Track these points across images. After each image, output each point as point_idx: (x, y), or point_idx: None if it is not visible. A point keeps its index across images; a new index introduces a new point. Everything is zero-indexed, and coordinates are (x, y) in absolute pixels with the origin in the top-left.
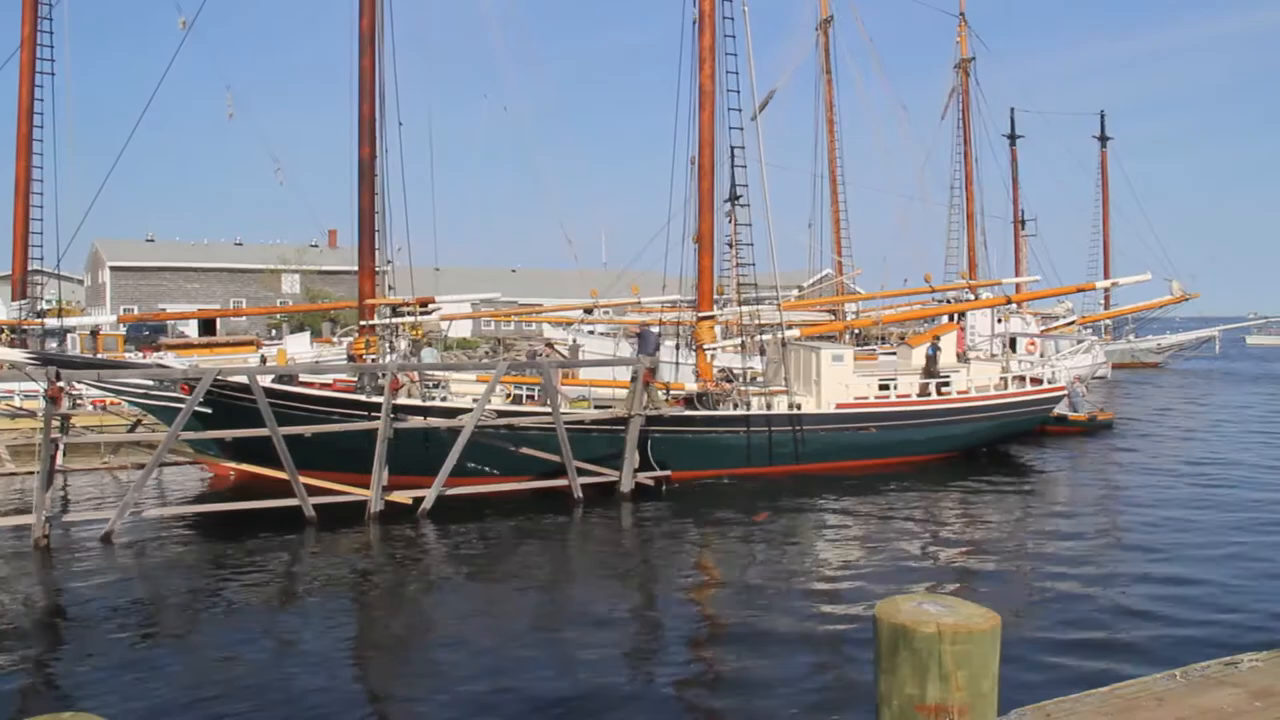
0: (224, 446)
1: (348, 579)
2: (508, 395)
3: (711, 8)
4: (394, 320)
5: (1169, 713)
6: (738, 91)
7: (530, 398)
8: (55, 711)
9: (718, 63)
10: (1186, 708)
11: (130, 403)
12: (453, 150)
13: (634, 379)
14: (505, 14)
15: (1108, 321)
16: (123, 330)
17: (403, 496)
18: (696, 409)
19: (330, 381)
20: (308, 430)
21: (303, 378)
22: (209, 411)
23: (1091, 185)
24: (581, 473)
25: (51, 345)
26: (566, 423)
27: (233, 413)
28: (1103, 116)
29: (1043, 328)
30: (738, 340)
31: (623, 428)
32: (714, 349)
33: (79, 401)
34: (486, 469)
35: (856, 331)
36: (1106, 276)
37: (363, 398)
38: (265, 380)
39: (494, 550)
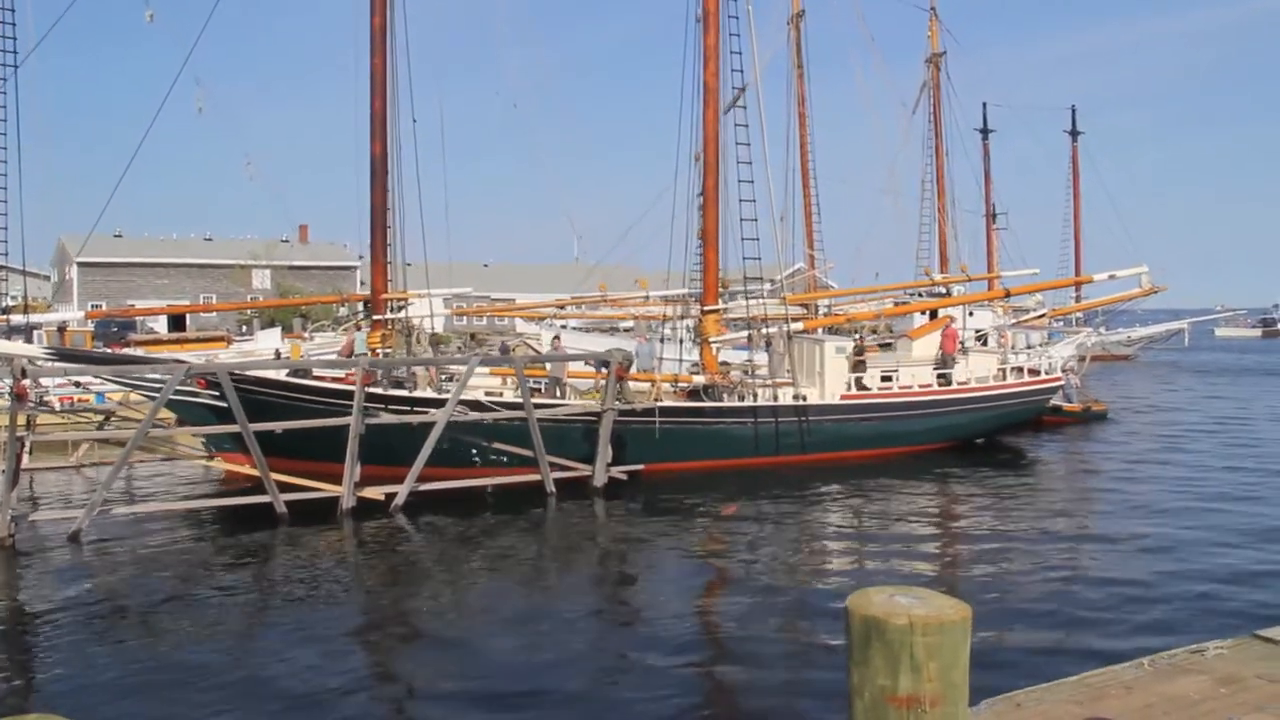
0: (238, 442)
1: (318, 576)
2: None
3: (716, 7)
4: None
5: (1137, 700)
6: (742, 89)
7: (536, 390)
8: (18, 713)
9: (721, 61)
10: (1154, 695)
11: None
12: (440, 139)
13: (608, 374)
14: (510, 7)
15: (1079, 314)
16: (90, 326)
17: (375, 492)
18: (703, 401)
19: (343, 375)
20: (278, 426)
21: (316, 372)
22: (224, 406)
23: (1062, 179)
24: (555, 467)
25: (18, 341)
26: (541, 417)
27: (251, 406)
28: (1074, 111)
29: (1014, 320)
30: (738, 335)
31: (637, 420)
32: (719, 342)
33: (46, 399)
34: (504, 460)
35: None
36: (1078, 270)
37: (378, 390)
38: (280, 374)
39: (466, 545)
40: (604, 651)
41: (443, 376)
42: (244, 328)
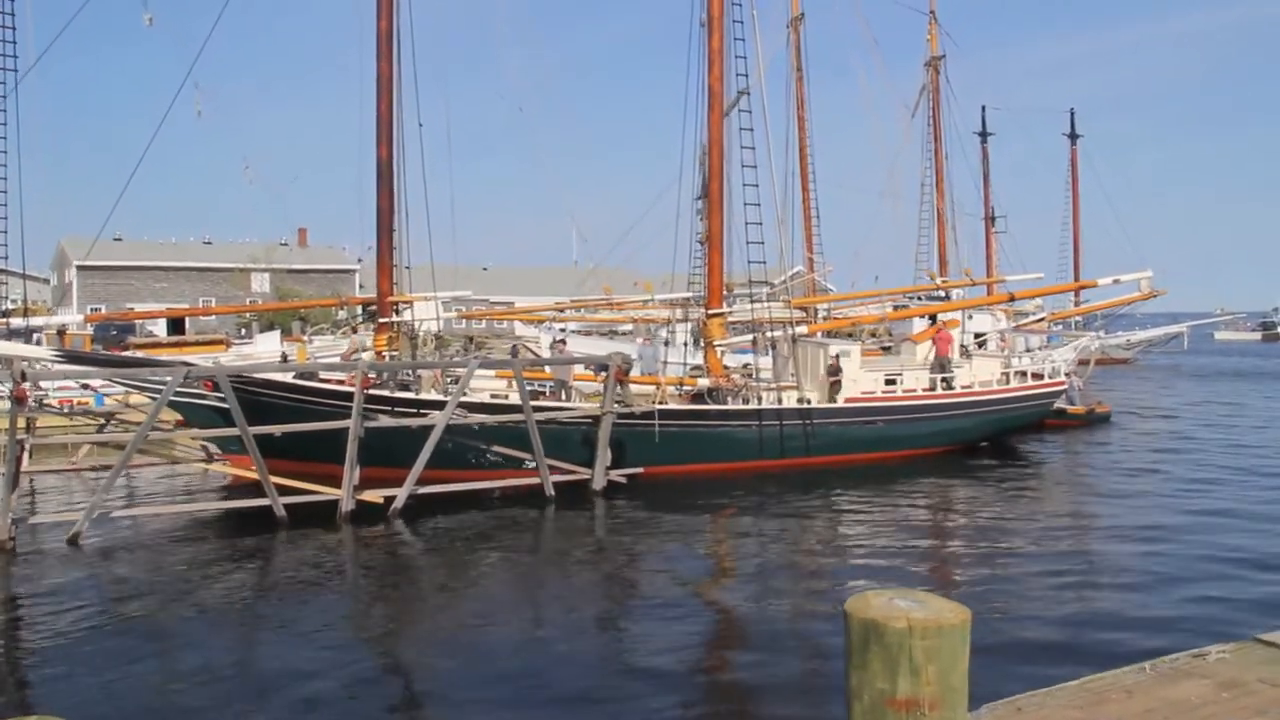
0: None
1: (316, 581)
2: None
3: (720, 11)
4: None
5: (1138, 705)
6: (748, 93)
7: (541, 392)
8: (18, 714)
9: (726, 64)
10: (1155, 700)
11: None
12: (441, 142)
13: (607, 377)
14: (510, 7)
15: (1078, 318)
16: (90, 330)
17: (374, 495)
18: (708, 404)
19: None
20: (277, 429)
21: (323, 375)
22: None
23: (1061, 182)
24: (554, 470)
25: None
26: (540, 420)
27: (257, 409)
28: (1072, 114)
29: (1014, 324)
30: (743, 338)
31: (637, 423)
32: (724, 345)
33: (45, 401)
34: (502, 463)
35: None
36: (1077, 273)
37: (385, 393)
38: (287, 377)
39: (464, 550)
40: (602, 657)
41: (448, 379)
42: (243, 331)
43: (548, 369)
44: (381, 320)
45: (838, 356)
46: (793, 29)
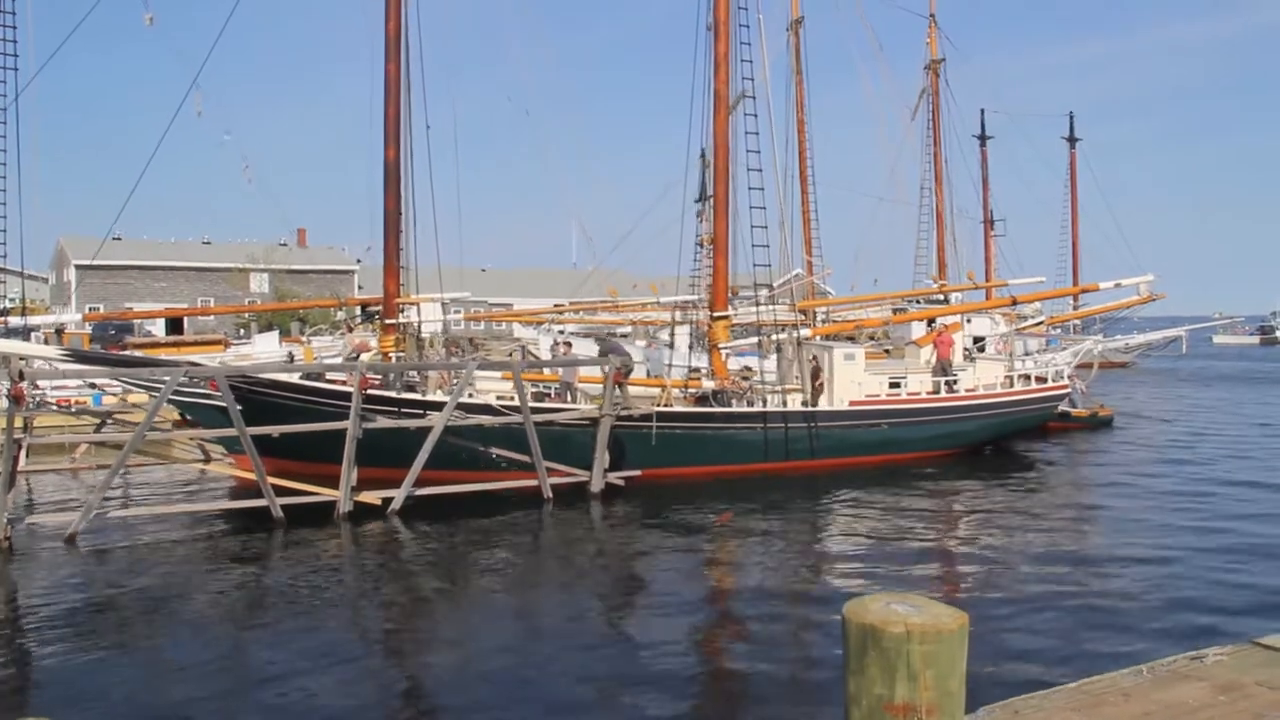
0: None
1: (312, 581)
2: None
3: (726, 16)
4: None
5: (1135, 707)
6: (753, 97)
7: (547, 394)
8: (14, 716)
9: (732, 69)
10: (1152, 702)
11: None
12: (446, 142)
13: (606, 379)
14: (518, 7)
15: (1077, 321)
16: (88, 329)
17: (371, 497)
18: (712, 406)
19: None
20: (275, 430)
21: (329, 375)
22: (239, 409)
23: (1060, 186)
24: (552, 472)
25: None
26: (539, 421)
27: (265, 409)
28: (1071, 118)
29: (1013, 328)
30: (748, 340)
31: (641, 425)
32: (729, 348)
33: (44, 401)
34: (503, 465)
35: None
36: (1075, 277)
37: (391, 394)
38: (294, 377)
39: (461, 551)
40: (596, 662)
41: (455, 380)
42: (241, 331)
43: (550, 370)
44: (388, 321)
45: (816, 358)
46: (793, 32)
